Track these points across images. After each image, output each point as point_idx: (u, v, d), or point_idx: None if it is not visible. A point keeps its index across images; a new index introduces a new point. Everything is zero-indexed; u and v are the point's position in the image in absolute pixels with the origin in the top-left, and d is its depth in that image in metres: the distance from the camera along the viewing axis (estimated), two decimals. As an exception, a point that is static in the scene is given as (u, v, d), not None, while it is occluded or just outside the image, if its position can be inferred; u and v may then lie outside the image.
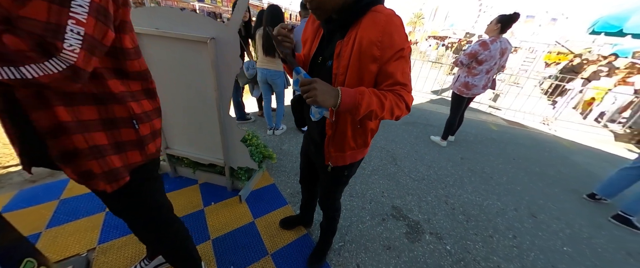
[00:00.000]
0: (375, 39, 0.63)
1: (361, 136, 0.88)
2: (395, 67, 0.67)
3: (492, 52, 2.32)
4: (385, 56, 0.65)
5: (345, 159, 0.92)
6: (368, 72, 0.68)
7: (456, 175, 2.38)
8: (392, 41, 0.64)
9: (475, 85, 2.50)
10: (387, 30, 0.63)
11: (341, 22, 0.70)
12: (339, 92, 0.63)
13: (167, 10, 1.21)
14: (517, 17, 2.25)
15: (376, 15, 0.65)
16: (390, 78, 0.68)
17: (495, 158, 2.88)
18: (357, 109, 0.64)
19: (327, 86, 0.62)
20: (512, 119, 4.74)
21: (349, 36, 0.67)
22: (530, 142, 3.62)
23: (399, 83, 0.69)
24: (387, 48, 0.64)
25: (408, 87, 0.71)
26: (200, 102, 1.43)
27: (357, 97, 0.63)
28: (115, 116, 0.62)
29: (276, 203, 1.70)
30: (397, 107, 0.68)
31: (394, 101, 0.68)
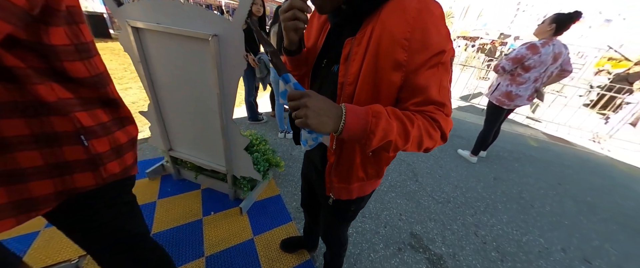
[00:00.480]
0: (400, 36, 0.44)
1: (373, 165, 0.67)
2: (428, 78, 0.47)
3: (542, 57, 1.95)
4: (415, 62, 0.45)
5: (350, 193, 0.72)
6: (387, 83, 0.48)
7: (488, 199, 2.06)
8: (427, 39, 0.44)
9: (519, 95, 2.14)
10: (420, 23, 0.43)
11: (352, 14, 0.51)
12: (343, 112, 0.44)
13: (169, 3, 1.08)
14: (578, 17, 1.87)
15: (404, 3, 0.45)
16: (421, 94, 0.48)
17: (535, 180, 2.48)
18: (368, 138, 0.45)
19: (324, 103, 0.44)
20: (554, 134, 4.16)
21: (363, 31, 0.49)
22: (579, 163, 3.11)
23: (433, 102, 0.48)
24: (419, 50, 0.44)
25: (446, 109, 0.50)
26: (202, 104, 1.31)
27: (369, 120, 0.44)
28: (54, 130, 0.48)
29: (279, 219, 1.54)
30: (427, 136, 0.48)
31: (425, 129, 0.47)
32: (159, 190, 1.65)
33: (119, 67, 4.21)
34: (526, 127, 4.32)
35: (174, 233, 1.35)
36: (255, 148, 1.76)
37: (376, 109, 0.45)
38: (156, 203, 1.54)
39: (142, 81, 1.33)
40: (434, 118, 0.48)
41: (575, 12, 1.85)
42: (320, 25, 0.66)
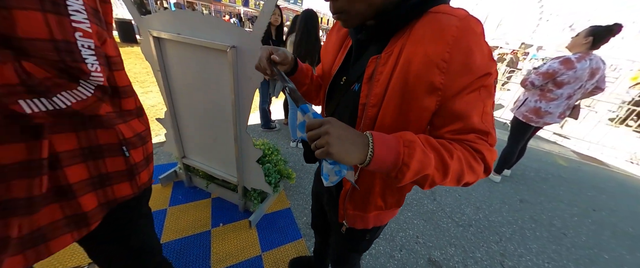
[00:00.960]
0: (437, 57, 0.38)
1: (394, 194, 0.61)
2: (470, 103, 0.41)
3: (577, 72, 1.80)
4: (455, 86, 0.39)
5: (366, 222, 0.65)
6: (418, 108, 0.43)
7: (515, 224, 1.89)
8: (470, 61, 0.38)
9: (549, 113, 1.98)
10: (461, 43, 0.37)
11: (378, 30, 0.47)
12: (370, 140, 0.38)
13: (190, 14, 1.09)
14: (619, 30, 1.71)
15: (441, 19, 0.39)
16: (460, 121, 0.42)
17: (567, 205, 2.27)
18: (400, 171, 0.38)
19: (347, 130, 0.38)
20: (585, 153, 3.85)
21: (390, 50, 0.45)
22: (615, 187, 2.83)
23: (475, 130, 0.42)
24: (461, 72, 0.39)
25: (491, 138, 0.43)
26: (217, 114, 1.30)
27: (401, 151, 0.38)
28: (99, 143, 0.49)
29: (289, 235, 1.48)
30: (469, 169, 0.41)
31: (466, 161, 0.41)
32: (170, 196, 1.65)
33: (143, 71, 4.40)
34: (553, 144, 4.03)
35: (182, 245, 1.32)
36: (267, 158, 1.72)
37: (408, 138, 0.39)
38: (167, 210, 1.53)
39: (160, 88, 1.35)
40: (477, 149, 0.42)
41: (615, 25, 1.70)
42: (340, 39, 0.62)
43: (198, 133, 1.45)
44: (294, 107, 2.43)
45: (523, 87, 2.10)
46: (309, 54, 1.93)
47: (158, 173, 1.73)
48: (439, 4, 0.42)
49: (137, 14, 1.15)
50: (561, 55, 1.90)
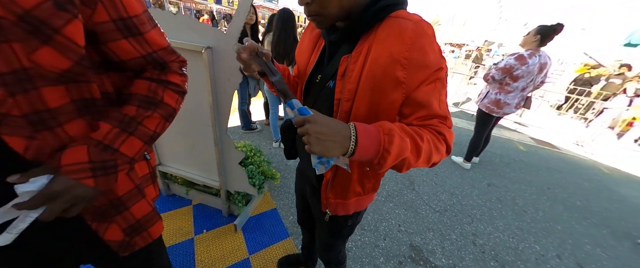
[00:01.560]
0: (399, 56, 0.45)
1: (371, 180, 0.68)
2: (429, 93, 0.48)
3: (529, 67, 2.02)
4: (415, 79, 0.47)
5: (347, 208, 0.71)
6: (387, 101, 0.49)
7: (484, 206, 2.08)
8: (425, 58, 0.46)
9: (507, 103, 2.20)
10: (417, 44, 0.45)
11: (348, 32, 0.52)
12: (352, 133, 0.42)
13: (161, 14, 1.04)
14: (561, 29, 1.95)
15: (400, 23, 0.46)
16: (424, 108, 0.49)
17: (526, 186, 2.54)
18: (382, 157, 0.43)
19: (328, 126, 0.42)
20: (540, 138, 4.31)
21: (359, 49, 0.50)
22: (565, 167, 3.22)
23: (436, 116, 0.49)
24: (419, 68, 0.46)
25: (448, 121, 0.51)
26: (194, 118, 1.25)
27: (382, 138, 0.42)
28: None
29: (276, 235, 1.48)
30: (436, 150, 0.48)
31: (433, 143, 0.47)
32: (146, 207, 1.56)
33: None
34: (514, 132, 4.46)
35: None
36: (250, 160, 1.70)
37: (387, 126, 0.44)
38: (144, 221, 1.45)
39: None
40: (439, 131, 0.49)
41: (558, 24, 1.94)
42: (313, 40, 0.67)
43: (175, 138, 1.39)
44: (275, 107, 2.41)
45: (485, 82, 2.31)
46: (287, 53, 1.94)
47: (131, 183, 1.63)
48: (398, 9, 0.49)
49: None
50: (516, 52, 2.12)
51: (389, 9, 0.48)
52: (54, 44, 0.34)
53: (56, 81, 0.36)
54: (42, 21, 0.32)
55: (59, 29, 0.34)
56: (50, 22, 0.33)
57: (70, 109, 0.38)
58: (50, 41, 0.33)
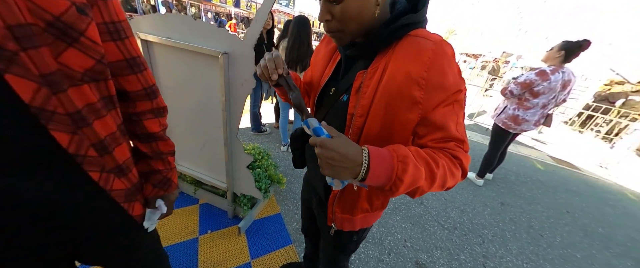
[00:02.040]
0: (417, 75, 0.44)
1: (379, 197, 0.66)
2: (446, 115, 0.47)
3: (551, 83, 1.93)
4: (433, 100, 0.46)
5: (354, 224, 0.69)
6: (401, 120, 0.48)
7: (496, 226, 1.98)
8: (444, 79, 0.45)
9: (526, 120, 2.10)
10: (436, 64, 0.44)
11: (365, 47, 0.52)
12: (364, 158, 0.41)
13: (181, 18, 1.08)
14: (587, 45, 1.86)
15: (419, 42, 0.46)
16: (440, 131, 0.47)
17: (544, 208, 2.40)
18: (394, 185, 0.41)
19: (339, 152, 0.41)
20: (560, 157, 4.10)
21: (375, 66, 0.50)
22: (587, 190, 3.03)
23: (453, 138, 0.47)
24: (436, 89, 0.45)
25: (466, 145, 0.49)
26: (206, 120, 1.28)
27: (396, 166, 0.41)
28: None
29: (279, 241, 1.47)
30: (451, 176, 0.46)
31: (448, 168, 0.45)
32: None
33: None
34: (531, 149, 4.26)
35: (169, 253, 1.28)
36: (258, 163, 1.71)
37: (402, 153, 0.42)
38: (152, 217, 1.48)
39: (148, 92, 1.31)
40: (456, 155, 0.47)
41: (584, 40, 1.85)
42: (329, 52, 0.67)
43: (186, 137, 1.42)
44: (285, 111, 2.43)
45: (503, 96, 2.22)
46: (300, 59, 1.96)
47: (143, 179, 1.68)
48: (417, 28, 0.48)
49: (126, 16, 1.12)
50: (537, 66, 2.04)
51: (408, 28, 0.48)
52: (79, 45, 0.37)
53: (81, 80, 0.39)
54: (69, 26, 0.35)
55: (83, 31, 0.37)
56: (76, 27, 0.36)
57: (99, 106, 0.43)
58: (75, 43, 0.37)
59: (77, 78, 0.38)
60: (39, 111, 0.34)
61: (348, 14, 0.46)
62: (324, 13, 0.48)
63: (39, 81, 0.33)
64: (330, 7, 0.47)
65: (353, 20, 0.47)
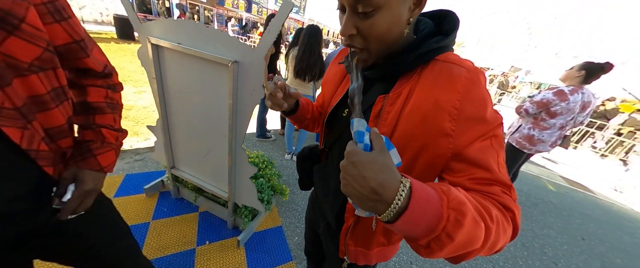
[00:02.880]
0: (448, 104, 0.39)
1: None
2: (485, 151, 0.39)
3: (570, 104, 1.85)
4: (469, 134, 0.39)
5: (369, 259, 0.62)
6: (428, 154, 0.42)
7: (507, 251, 1.87)
8: (482, 110, 0.39)
9: (542, 141, 2.02)
10: (472, 94, 0.39)
11: (388, 70, 0.47)
12: (400, 195, 0.29)
13: (193, 25, 1.06)
14: (610, 68, 1.79)
15: (450, 69, 0.41)
16: (481, 169, 0.38)
17: (557, 233, 2.28)
18: (436, 242, 0.29)
19: (377, 169, 0.31)
20: (572, 179, 3.95)
21: (398, 91, 0.45)
22: (603, 215, 2.88)
23: (499, 182, 0.38)
24: (473, 121, 0.39)
25: (514, 193, 0.39)
26: (212, 127, 1.24)
27: (446, 214, 0.29)
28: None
29: (278, 257, 1.41)
30: (503, 234, 0.34)
31: (501, 224, 0.34)
32: (154, 208, 1.55)
33: (138, 70, 4.30)
34: (542, 168, 4.13)
35: (163, 265, 1.23)
36: (261, 172, 1.66)
37: (456, 198, 0.30)
38: (149, 224, 1.44)
39: (154, 96, 1.29)
40: (507, 206, 0.36)
41: (607, 63, 1.78)
42: (341, 71, 0.62)
43: (190, 144, 1.39)
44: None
45: (517, 115, 2.15)
46: (310, 68, 1.93)
47: (143, 183, 1.64)
48: (447, 51, 0.44)
49: (138, 21, 1.11)
50: (546, 81, 1.96)
51: (437, 51, 0.43)
52: (21, 33, 0.35)
53: (28, 70, 0.37)
54: (5, 12, 0.32)
55: (23, 18, 0.34)
56: (14, 12, 0.33)
57: (47, 98, 0.41)
58: (16, 31, 0.34)
59: (24, 69, 0.36)
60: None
61: (377, 29, 0.40)
62: (350, 27, 0.41)
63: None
64: (357, 21, 0.40)
65: (380, 38, 0.41)
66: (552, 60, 18.00)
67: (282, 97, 0.52)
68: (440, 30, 0.47)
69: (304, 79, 1.98)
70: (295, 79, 2.02)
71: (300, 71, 1.94)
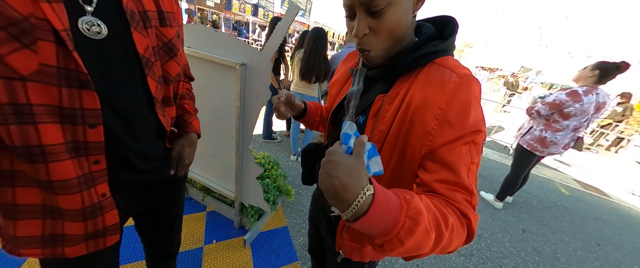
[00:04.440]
0: (433, 103, 0.41)
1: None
2: (459, 156, 0.40)
3: (584, 105, 1.80)
4: (446, 134, 0.40)
5: (363, 255, 0.64)
6: (411, 150, 0.44)
7: (518, 256, 1.82)
8: (464, 115, 0.40)
9: (554, 143, 1.96)
10: (458, 98, 0.40)
11: (388, 70, 0.49)
12: (360, 199, 0.31)
13: (202, 29, 1.09)
14: (626, 67, 1.73)
15: (442, 72, 0.43)
16: (449, 172, 0.40)
17: (570, 238, 2.21)
18: (389, 243, 0.32)
19: (347, 171, 0.33)
20: (586, 182, 3.81)
21: (397, 91, 0.47)
22: (619, 220, 2.77)
23: (463, 187, 0.39)
24: (452, 124, 0.40)
25: (474, 200, 0.40)
26: (220, 128, 1.27)
27: (401, 222, 0.31)
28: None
29: (284, 257, 1.42)
30: (457, 238, 0.37)
31: (456, 229, 0.36)
32: (164, 207, 1.59)
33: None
34: (555, 171, 4.00)
35: (172, 262, 1.25)
36: (267, 173, 1.68)
37: (415, 207, 0.32)
38: (159, 223, 1.47)
39: (165, 98, 1.33)
40: (465, 213, 0.39)
41: (623, 62, 1.72)
42: (347, 70, 0.64)
43: (199, 144, 1.40)
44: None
45: (528, 116, 2.10)
46: (315, 70, 1.95)
47: (154, 182, 1.68)
48: (444, 55, 0.45)
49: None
50: (558, 81, 1.91)
51: (434, 55, 0.45)
52: (177, 58, 0.57)
53: (171, 81, 0.58)
54: (173, 44, 0.55)
55: (179, 48, 0.58)
56: (177, 46, 0.58)
57: (171, 95, 0.63)
58: (175, 57, 0.56)
59: (170, 80, 0.56)
60: (155, 100, 0.53)
61: (388, 25, 0.42)
62: (363, 27, 0.42)
63: (159, 80, 0.53)
64: (370, 20, 0.42)
65: (392, 32, 0.43)
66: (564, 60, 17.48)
67: (285, 109, 0.60)
68: (441, 35, 0.48)
69: (309, 80, 2.00)
70: (301, 80, 2.04)
71: (306, 72, 1.95)
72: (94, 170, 0.45)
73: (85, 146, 0.42)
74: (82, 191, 0.43)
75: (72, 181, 0.42)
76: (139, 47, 0.45)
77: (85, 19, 0.38)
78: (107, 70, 0.43)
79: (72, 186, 0.42)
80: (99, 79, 0.41)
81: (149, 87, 0.49)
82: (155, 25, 0.49)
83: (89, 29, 0.39)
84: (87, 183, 0.44)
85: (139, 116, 0.50)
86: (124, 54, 0.44)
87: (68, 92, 0.38)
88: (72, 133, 0.40)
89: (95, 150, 0.43)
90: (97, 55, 0.41)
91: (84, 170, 0.43)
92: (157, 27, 0.50)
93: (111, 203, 0.49)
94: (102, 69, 0.42)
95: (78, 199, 0.43)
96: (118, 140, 0.47)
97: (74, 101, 0.39)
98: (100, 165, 0.45)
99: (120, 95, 0.45)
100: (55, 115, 0.38)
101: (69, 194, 0.42)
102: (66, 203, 0.43)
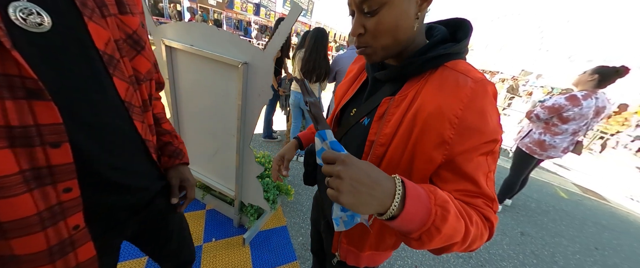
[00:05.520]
0: (450, 112, 0.39)
1: (392, 236, 0.59)
2: (478, 166, 0.40)
3: (583, 110, 1.80)
4: (464, 144, 0.39)
5: (358, 260, 0.64)
6: (424, 158, 0.42)
7: (516, 259, 1.83)
8: (482, 123, 0.39)
9: (553, 146, 1.97)
10: (475, 104, 0.39)
11: (396, 72, 0.47)
12: (397, 189, 0.33)
13: (205, 28, 1.09)
14: (626, 72, 1.74)
15: (457, 77, 0.41)
16: (469, 182, 0.40)
17: (569, 242, 2.21)
18: (428, 234, 0.33)
19: (367, 174, 0.34)
20: (585, 186, 3.82)
21: (404, 94, 0.45)
22: (618, 225, 2.78)
23: (483, 195, 0.41)
24: (471, 132, 0.39)
25: (495, 206, 0.42)
26: (221, 127, 1.28)
27: (433, 210, 0.33)
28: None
29: (283, 256, 1.42)
30: (480, 238, 0.39)
31: (480, 229, 0.39)
32: (163, 205, 1.59)
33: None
34: (554, 174, 4.01)
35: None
36: (267, 172, 1.68)
37: (441, 196, 0.35)
38: (158, 220, 1.47)
39: (167, 97, 1.33)
40: (488, 217, 0.40)
41: (622, 67, 1.73)
42: (357, 71, 0.64)
43: (200, 143, 1.42)
44: (297, 121, 2.41)
45: (528, 119, 2.10)
46: (315, 69, 1.96)
47: (154, 180, 1.69)
48: (457, 58, 0.44)
49: (153, 24, 1.16)
50: (559, 86, 1.92)
51: (446, 58, 0.43)
52: (145, 52, 0.48)
53: (142, 81, 0.49)
54: (139, 36, 0.46)
55: (146, 40, 0.48)
56: (144, 37, 0.48)
57: (148, 100, 0.53)
58: (142, 51, 0.47)
59: (141, 79, 0.48)
60: (129, 104, 0.44)
61: (383, 26, 0.41)
62: (358, 27, 0.43)
63: (129, 81, 0.44)
64: (365, 20, 0.42)
65: (388, 33, 0.42)
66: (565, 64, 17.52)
67: (286, 173, 0.69)
68: (453, 38, 0.47)
69: (310, 79, 2.00)
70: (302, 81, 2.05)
71: (307, 72, 1.96)
72: (64, 199, 0.36)
73: (49, 172, 0.33)
74: (45, 229, 0.34)
75: (32, 219, 0.33)
76: (97, 42, 0.36)
77: (18, 5, 0.29)
78: (61, 72, 0.33)
79: (32, 225, 0.33)
80: (54, 85, 0.32)
81: (116, 91, 0.40)
82: (114, 12, 0.40)
83: (26, 19, 0.29)
84: (54, 217, 0.35)
85: (112, 127, 0.41)
86: (80, 50, 0.35)
87: (14, 106, 0.29)
88: (30, 157, 0.31)
89: (63, 175, 0.34)
90: (44, 54, 0.32)
91: (49, 202, 0.34)
92: (117, 15, 0.41)
93: (85, 235, 0.40)
94: (55, 72, 0.33)
95: (41, 239, 0.34)
96: (91, 158, 0.38)
97: (25, 117, 0.30)
98: (72, 193, 0.36)
99: (83, 103, 0.36)
100: (1, 138, 0.29)
101: (28, 235, 0.33)
102: (24, 246, 0.33)
